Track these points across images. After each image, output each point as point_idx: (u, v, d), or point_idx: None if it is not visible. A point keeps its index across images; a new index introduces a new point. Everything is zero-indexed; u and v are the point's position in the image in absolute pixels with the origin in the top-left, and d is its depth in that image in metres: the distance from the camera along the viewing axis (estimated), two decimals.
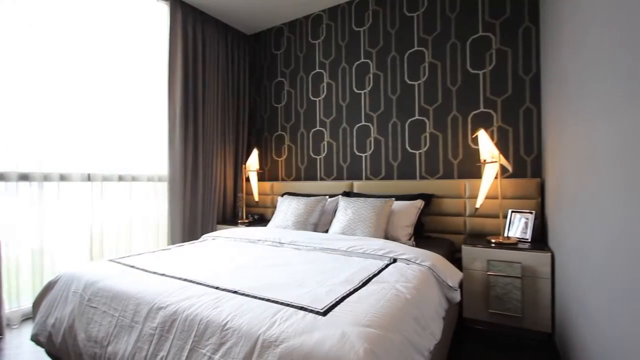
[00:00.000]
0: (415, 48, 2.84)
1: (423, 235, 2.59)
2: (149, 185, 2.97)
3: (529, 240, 2.15)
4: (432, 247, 2.11)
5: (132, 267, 1.69)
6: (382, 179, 2.99)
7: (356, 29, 3.15)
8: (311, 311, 1.09)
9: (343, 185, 3.09)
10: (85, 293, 1.51)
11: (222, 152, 3.54)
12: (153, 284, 1.43)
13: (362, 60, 3.11)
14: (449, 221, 2.59)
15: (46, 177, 2.32)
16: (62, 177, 2.40)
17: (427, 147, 2.79)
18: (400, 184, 2.80)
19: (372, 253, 1.86)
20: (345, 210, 2.48)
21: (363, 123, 3.10)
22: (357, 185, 3.01)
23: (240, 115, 3.76)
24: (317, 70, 3.39)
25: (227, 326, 1.06)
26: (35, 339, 1.65)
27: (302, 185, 3.35)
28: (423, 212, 2.52)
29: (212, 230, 3.35)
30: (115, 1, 2.69)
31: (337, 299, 1.19)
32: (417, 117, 2.83)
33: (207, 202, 3.35)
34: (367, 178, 3.08)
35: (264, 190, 3.62)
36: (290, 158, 3.58)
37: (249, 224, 3.26)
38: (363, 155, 3.10)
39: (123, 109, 2.77)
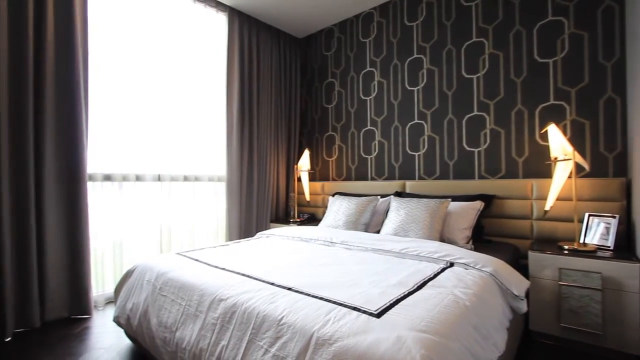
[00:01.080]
0: (474, 39, 2.67)
1: (483, 239, 2.42)
2: (209, 185, 3.20)
3: (611, 248, 1.90)
4: (494, 251, 1.97)
5: (196, 260, 1.82)
6: (437, 178, 2.86)
7: (408, 23, 3.05)
8: (365, 312, 1.08)
9: (395, 185, 3.01)
10: (157, 282, 1.67)
11: (275, 153, 3.67)
12: (215, 277, 1.53)
13: (415, 55, 3.00)
14: (513, 224, 2.39)
15: (125, 178, 2.61)
16: (137, 178, 2.68)
17: (487, 144, 2.61)
18: (456, 184, 2.65)
19: (427, 256, 1.79)
20: (398, 211, 2.42)
21: (416, 121, 3.00)
22: (410, 185, 2.92)
23: (292, 117, 3.87)
24: (368, 69, 3.35)
25: (283, 321, 1.10)
26: (116, 320, 1.87)
27: (353, 185, 3.34)
28: (483, 214, 2.36)
29: (266, 229, 3.49)
30: (180, 15, 2.94)
31: (392, 302, 1.17)
32: (475, 112, 2.66)
33: (261, 201, 3.50)
34: (420, 178, 2.97)
35: (315, 190, 3.67)
36: (341, 158, 3.59)
37: (301, 223, 3.34)
38: (416, 154, 3.00)
39: (187, 115, 3.01)
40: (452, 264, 1.68)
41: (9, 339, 1.98)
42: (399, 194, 2.84)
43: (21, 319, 2.07)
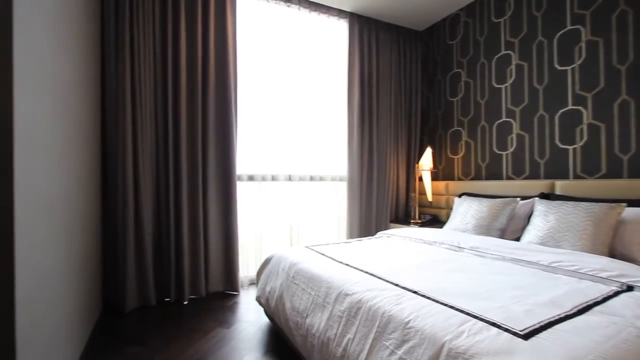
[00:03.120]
0: None
1: None
2: (332, 184, 3.39)
3: None
4: None
5: (322, 254, 1.96)
6: (602, 177, 2.28)
7: None
8: (507, 330, 0.95)
9: (540, 185, 2.54)
10: (290, 271, 1.87)
11: (394, 152, 3.61)
12: (340, 272, 1.61)
13: (569, 27, 2.46)
14: None
15: (263, 178, 3.02)
16: (273, 178, 3.07)
17: None
18: (634, 185, 2.05)
19: (590, 274, 1.44)
20: (546, 216, 2.03)
21: (570, 107, 2.46)
22: (561, 186, 2.41)
23: (412, 114, 3.73)
24: (503, 52, 2.93)
25: (410, 325, 1.07)
26: (258, 300, 2.17)
27: (483, 185, 2.98)
28: None
29: (385, 228, 3.47)
30: (307, 27, 3.21)
31: (542, 323, 0.99)
32: None
33: (381, 201, 3.50)
34: (576, 176, 2.42)
35: (437, 190, 3.44)
36: (469, 155, 3.25)
37: (422, 225, 3.19)
38: (570, 147, 2.46)
39: (313, 119, 3.27)
40: (630, 288, 1.31)
41: (186, 302, 2.55)
42: (546, 196, 2.39)
43: (193, 289, 2.64)
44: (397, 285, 1.37)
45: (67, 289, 1.47)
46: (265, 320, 2.25)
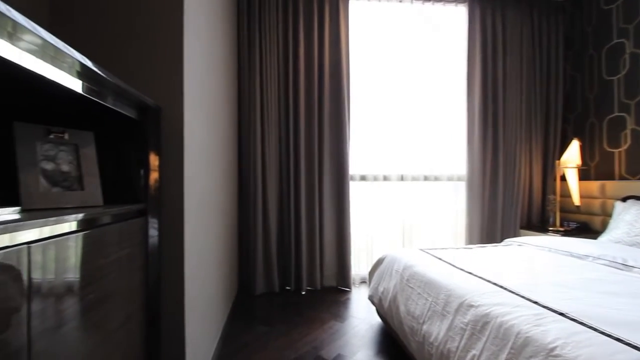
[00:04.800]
0: None
1: None
2: (448, 184, 3.14)
3: None
4: None
5: (440, 259, 1.83)
6: None
7: None
8: None
9: None
10: (404, 274, 1.81)
11: (526, 147, 3.11)
12: (462, 279, 1.48)
13: None
14: None
15: (375, 178, 3.03)
16: (385, 178, 3.04)
17: None
18: None
19: None
20: None
21: None
22: None
23: (551, 100, 3.14)
24: None
25: (556, 352, 0.90)
26: (370, 299, 2.18)
27: None
28: None
29: (514, 236, 3.02)
30: (420, 19, 3.06)
31: None
32: None
33: (508, 204, 3.06)
34: None
35: (588, 191, 2.80)
36: (636, 148, 2.54)
37: (565, 233, 2.65)
38: None
39: (427, 116, 3.10)
40: None
41: (303, 292, 2.77)
42: None
43: (310, 281, 2.84)
44: (535, 302, 1.17)
45: (215, 271, 1.79)
46: (376, 318, 2.25)
